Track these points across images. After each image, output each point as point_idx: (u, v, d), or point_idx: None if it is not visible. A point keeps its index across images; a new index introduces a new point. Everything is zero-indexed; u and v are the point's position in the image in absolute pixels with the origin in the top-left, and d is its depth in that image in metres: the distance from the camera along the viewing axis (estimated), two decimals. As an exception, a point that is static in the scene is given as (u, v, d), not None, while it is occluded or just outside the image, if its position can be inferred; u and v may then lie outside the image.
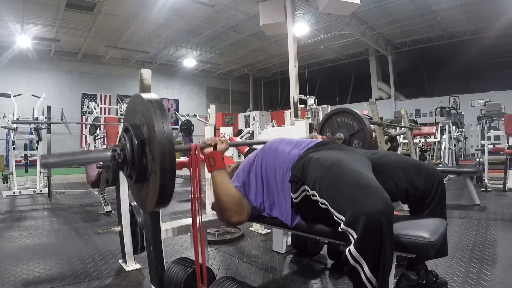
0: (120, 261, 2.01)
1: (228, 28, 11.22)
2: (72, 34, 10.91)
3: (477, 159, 4.82)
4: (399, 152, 4.67)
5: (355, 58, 14.61)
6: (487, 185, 4.52)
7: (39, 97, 5.55)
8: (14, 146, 4.82)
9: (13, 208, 3.94)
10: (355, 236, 0.92)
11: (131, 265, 1.93)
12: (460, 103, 12.28)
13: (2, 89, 6.04)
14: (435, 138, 6.74)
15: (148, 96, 1.04)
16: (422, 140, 6.84)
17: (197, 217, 1.23)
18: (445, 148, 6.14)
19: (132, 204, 1.94)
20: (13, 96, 5.09)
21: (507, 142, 4.70)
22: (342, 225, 0.97)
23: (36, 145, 5.06)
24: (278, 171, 1.30)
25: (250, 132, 8.33)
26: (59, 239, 2.59)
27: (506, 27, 10.03)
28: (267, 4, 7.29)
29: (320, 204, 1.10)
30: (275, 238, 2.25)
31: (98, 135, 7.79)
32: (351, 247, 0.93)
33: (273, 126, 7.55)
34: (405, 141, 5.77)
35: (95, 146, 7.66)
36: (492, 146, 5.36)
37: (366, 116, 3.73)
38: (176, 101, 16.19)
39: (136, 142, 1.03)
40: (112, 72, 13.59)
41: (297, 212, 1.25)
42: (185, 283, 1.35)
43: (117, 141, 1.13)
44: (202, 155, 1.28)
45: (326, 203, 1.06)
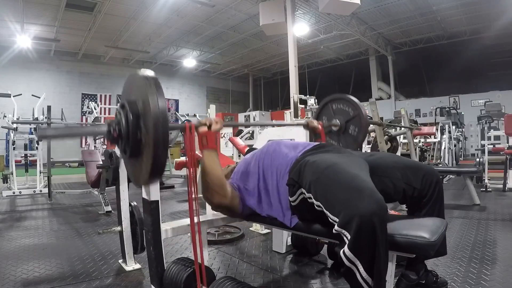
0: (120, 261, 2.01)
1: (228, 28, 11.22)
2: (72, 34, 10.92)
3: (477, 159, 4.82)
4: (399, 152, 4.67)
5: (355, 58, 14.62)
6: (487, 185, 4.51)
7: (39, 97, 5.55)
8: (14, 146, 4.82)
9: (13, 208, 3.94)
10: (349, 237, 0.93)
11: (131, 265, 1.93)
12: (460, 103, 12.29)
13: (2, 89, 6.04)
14: (435, 138, 6.74)
15: (144, 72, 1.07)
16: (422, 140, 6.84)
17: (196, 216, 1.23)
18: (445, 148, 6.14)
19: (132, 204, 1.94)
20: (13, 96, 5.09)
21: (507, 142, 4.69)
22: (336, 226, 0.98)
23: (36, 145, 5.06)
24: (275, 174, 1.31)
25: (250, 132, 8.33)
26: (59, 239, 2.59)
27: (506, 27, 10.03)
28: (267, 4, 7.29)
29: (315, 207, 1.11)
30: (275, 238, 2.25)
31: (98, 135, 7.80)
32: (345, 248, 0.93)
33: (273, 126, 7.53)
34: (405, 141, 5.77)
35: (95, 146, 7.66)
36: (492, 146, 5.36)
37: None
38: (176, 101, 16.20)
39: (131, 116, 1.07)
40: (112, 72, 13.60)
41: (295, 214, 1.26)
42: (185, 283, 1.35)
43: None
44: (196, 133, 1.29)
45: (321, 205, 1.08)
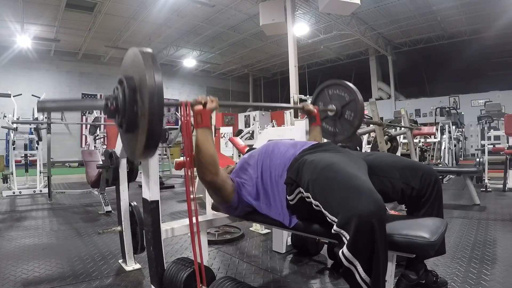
0: (120, 261, 2.01)
1: (228, 28, 11.22)
2: (72, 34, 10.92)
3: (477, 159, 4.82)
4: (399, 152, 4.67)
5: (355, 58, 14.62)
6: (487, 185, 4.52)
7: (39, 97, 5.55)
8: (14, 146, 4.82)
9: (13, 208, 3.93)
10: (348, 238, 0.92)
11: (131, 265, 1.93)
12: (460, 103, 12.29)
13: (2, 89, 6.04)
14: (435, 138, 6.74)
15: (141, 48, 1.11)
16: (422, 140, 6.84)
17: (195, 216, 1.24)
18: (445, 148, 6.14)
19: (132, 204, 1.93)
20: (13, 96, 5.09)
21: (507, 142, 4.69)
22: (334, 226, 0.98)
23: (36, 145, 5.06)
24: (273, 173, 1.31)
25: (250, 132, 8.34)
26: (59, 239, 2.59)
27: (506, 27, 10.03)
28: (267, 4, 7.29)
29: (314, 206, 1.11)
30: (275, 238, 2.25)
31: (98, 135, 7.81)
32: (344, 248, 0.93)
33: (273, 126, 7.55)
34: (405, 141, 5.77)
35: (95, 146, 7.67)
36: (492, 146, 5.36)
37: (366, 116, 3.74)
38: (176, 101, 16.17)
39: (128, 90, 1.10)
40: (112, 72, 13.56)
41: (294, 213, 1.25)
42: (185, 283, 1.35)
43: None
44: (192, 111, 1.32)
45: (319, 205, 1.08)
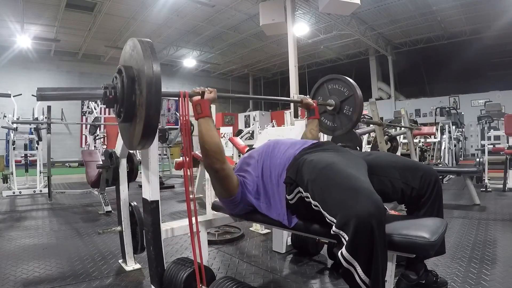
0: (120, 261, 2.01)
1: (228, 28, 11.22)
2: (72, 34, 10.91)
3: (477, 159, 4.81)
4: (399, 152, 4.67)
5: (355, 58, 14.62)
6: (487, 185, 4.52)
7: (39, 97, 5.54)
8: (14, 146, 4.82)
9: (13, 208, 3.93)
10: (347, 239, 0.92)
11: (131, 265, 1.93)
12: (460, 103, 12.29)
13: (2, 89, 6.03)
14: (435, 138, 6.74)
15: (140, 39, 1.13)
16: (422, 140, 6.85)
17: (194, 216, 1.23)
18: (445, 148, 6.14)
19: (132, 204, 1.94)
20: (13, 96, 5.09)
21: (507, 142, 4.70)
22: (333, 227, 0.97)
23: (36, 145, 5.06)
24: (273, 172, 1.31)
25: (250, 132, 8.34)
26: (59, 239, 2.59)
27: (506, 27, 10.03)
28: (267, 4, 7.29)
29: (313, 206, 1.11)
30: (275, 238, 2.25)
31: (98, 135, 7.81)
32: (343, 249, 0.93)
33: (273, 126, 7.55)
34: (405, 141, 5.77)
35: (95, 146, 7.67)
36: (492, 146, 5.36)
37: (366, 116, 3.74)
38: (176, 101, 16.20)
39: (126, 80, 1.12)
40: (112, 72, 13.13)
41: (293, 213, 1.25)
42: (185, 283, 1.35)
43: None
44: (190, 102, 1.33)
45: (318, 205, 1.07)
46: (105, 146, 8.01)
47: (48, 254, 2.20)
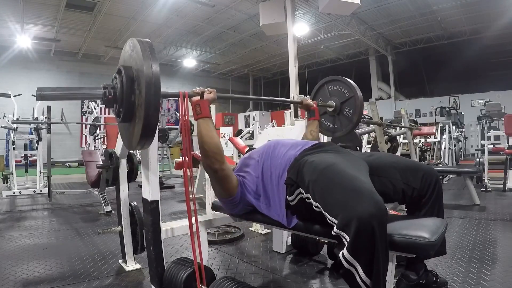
0: (120, 261, 2.01)
1: (228, 28, 11.22)
2: (72, 34, 10.92)
3: (477, 159, 4.82)
4: (399, 152, 4.67)
5: (355, 58, 14.62)
6: (487, 185, 4.52)
7: (39, 97, 5.54)
8: (14, 146, 4.82)
9: (13, 208, 3.93)
10: (348, 239, 0.92)
11: (131, 265, 1.93)
12: (460, 103, 12.29)
13: (2, 89, 6.04)
14: (435, 138, 6.74)
15: (140, 39, 1.13)
16: (422, 140, 6.84)
17: (194, 216, 1.23)
18: (445, 148, 6.14)
19: (132, 204, 1.94)
20: (13, 96, 5.09)
21: (507, 142, 4.69)
22: (335, 228, 0.97)
23: (36, 145, 5.06)
24: (274, 173, 1.31)
25: (250, 132, 8.34)
26: (59, 239, 2.59)
27: (506, 27, 10.03)
28: (267, 4, 7.29)
29: (314, 207, 1.11)
30: (275, 238, 2.25)
31: (98, 135, 7.81)
32: (344, 250, 0.93)
33: (273, 126, 7.54)
34: (405, 141, 5.77)
35: (95, 146, 7.67)
36: (492, 146, 5.36)
37: (366, 116, 3.74)
38: (176, 101, 16.19)
39: (126, 79, 1.12)
40: (112, 72, 13.11)
41: (294, 214, 1.25)
42: (185, 283, 1.35)
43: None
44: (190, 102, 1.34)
45: (319, 206, 1.07)
46: (105, 146, 8.01)
47: (48, 254, 2.20)
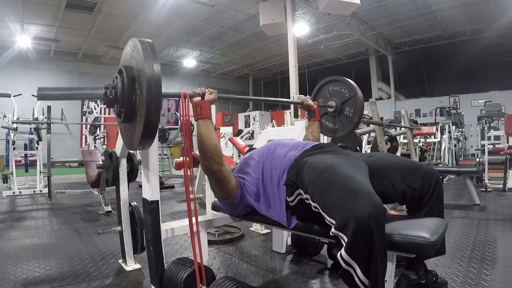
0: (120, 261, 2.01)
1: (228, 28, 11.22)
2: (72, 34, 10.92)
3: (477, 159, 4.82)
4: (399, 152, 4.67)
5: (355, 58, 14.62)
6: (487, 185, 4.52)
7: (39, 97, 5.54)
8: (14, 146, 4.82)
9: (13, 208, 3.93)
10: (346, 240, 0.92)
11: (131, 265, 1.93)
12: (460, 103, 12.29)
13: (2, 89, 6.04)
14: (435, 138, 6.75)
15: (141, 39, 1.12)
16: (422, 140, 6.85)
17: (194, 216, 1.23)
18: (445, 148, 6.14)
19: (132, 204, 1.94)
20: (13, 96, 5.09)
21: (507, 142, 4.69)
22: (332, 229, 0.97)
23: (36, 145, 5.06)
24: (274, 174, 1.31)
25: (250, 132, 8.33)
26: (59, 239, 2.59)
27: (506, 27, 10.03)
28: (267, 4, 7.28)
29: (313, 208, 1.11)
30: (275, 238, 2.25)
31: (98, 135, 7.81)
32: (342, 251, 0.93)
33: (273, 126, 7.54)
34: (405, 141, 5.77)
35: (95, 146, 7.67)
36: (492, 146, 5.36)
37: (366, 116, 3.74)
38: (176, 101, 16.20)
39: (127, 79, 1.12)
40: (112, 72, 13.26)
41: (294, 214, 1.25)
42: (185, 283, 1.35)
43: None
44: (191, 103, 1.33)
45: (318, 207, 1.07)
46: (105, 146, 8.01)
47: (48, 254, 2.20)
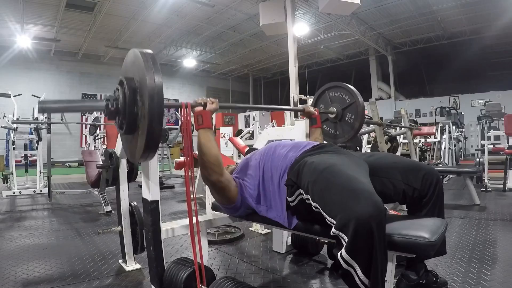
0: (120, 261, 2.01)
1: (228, 28, 11.22)
2: (72, 34, 10.92)
3: (477, 159, 4.81)
4: (399, 152, 4.67)
5: (355, 58, 14.62)
6: (487, 185, 4.51)
7: (39, 97, 5.55)
8: (14, 146, 4.82)
9: (13, 208, 3.93)
10: (346, 240, 0.92)
11: (131, 265, 1.93)
12: (460, 103, 12.29)
13: (2, 89, 6.04)
14: (435, 138, 6.74)
15: (142, 50, 1.11)
16: (422, 140, 6.84)
17: (195, 216, 1.23)
18: (445, 148, 6.14)
19: (132, 204, 1.94)
20: (13, 96, 5.09)
21: (507, 142, 4.69)
22: (333, 228, 0.97)
23: (36, 145, 5.06)
24: (275, 174, 1.31)
25: (250, 132, 8.33)
26: (59, 239, 2.59)
27: (506, 27, 10.03)
28: (267, 4, 7.28)
29: (313, 208, 1.11)
30: (275, 238, 2.25)
31: (98, 135, 7.81)
32: (343, 251, 0.93)
33: (273, 126, 7.54)
34: (405, 141, 5.77)
35: (95, 146, 7.67)
36: (492, 146, 5.36)
37: (366, 116, 3.74)
38: (176, 101, 16.18)
39: (128, 91, 1.10)
40: (112, 72, 13.55)
41: (294, 214, 1.25)
42: (185, 283, 1.35)
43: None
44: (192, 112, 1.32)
45: (318, 207, 1.07)
46: (105, 146, 8.00)
47: (48, 254, 2.20)
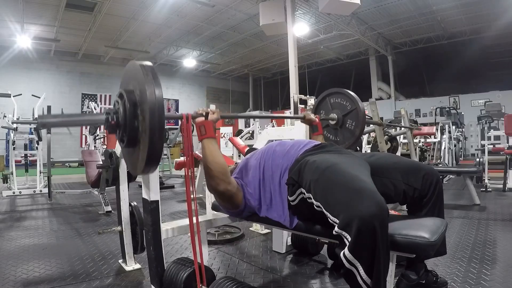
0: (120, 261, 2.01)
1: (228, 28, 11.22)
2: (72, 34, 10.92)
3: (477, 159, 4.81)
4: (399, 152, 4.67)
5: (355, 58, 14.63)
6: (487, 185, 4.51)
7: (39, 97, 5.55)
8: (14, 146, 4.81)
9: (13, 208, 3.93)
10: (349, 239, 0.92)
11: (131, 265, 1.93)
12: (460, 103, 12.30)
13: (2, 89, 6.04)
14: (435, 138, 6.74)
15: (141, 62, 1.10)
16: (422, 140, 6.84)
17: (195, 216, 1.23)
18: (445, 148, 6.14)
19: (132, 204, 1.94)
20: (13, 96, 5.08)
21: (507, 142, 4.69)
22: (336, 228, 0.97)
23: (36, 145, 5.05)
24: (275, 173, 1.31)
25: (250, 132, 8.33)
26: (59, 239, 2.59)
27: (506, 27, 10.04)
28: (267, 4, 7.28)
29: (315, 207, 1.11)
30: (275, 238, 2.25)
31: (98, 135, 7.81)
32: (345, 250, 0.93)
33: (273, 126, 7.54)
34: (405, 141, 5.76)
35: (95, 146, 7.67)
36: (492, 146, 5.36)
37: (366, 117, 3.74)
38: (176, 101, 16.20)
39: (128, 105, 1.09)
40: (112, 72, 13.58)
41: (295, 214, 1.25)
42: (185, 283, 1.35)
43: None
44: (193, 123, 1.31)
45: (321, 206, 1.07)
46: (105, 146, 8.00)
47: (48, 254, 2.20)
